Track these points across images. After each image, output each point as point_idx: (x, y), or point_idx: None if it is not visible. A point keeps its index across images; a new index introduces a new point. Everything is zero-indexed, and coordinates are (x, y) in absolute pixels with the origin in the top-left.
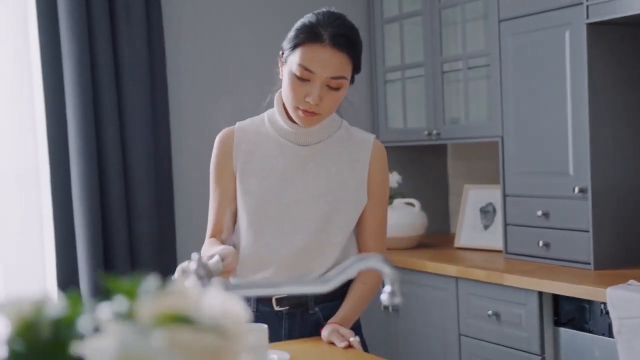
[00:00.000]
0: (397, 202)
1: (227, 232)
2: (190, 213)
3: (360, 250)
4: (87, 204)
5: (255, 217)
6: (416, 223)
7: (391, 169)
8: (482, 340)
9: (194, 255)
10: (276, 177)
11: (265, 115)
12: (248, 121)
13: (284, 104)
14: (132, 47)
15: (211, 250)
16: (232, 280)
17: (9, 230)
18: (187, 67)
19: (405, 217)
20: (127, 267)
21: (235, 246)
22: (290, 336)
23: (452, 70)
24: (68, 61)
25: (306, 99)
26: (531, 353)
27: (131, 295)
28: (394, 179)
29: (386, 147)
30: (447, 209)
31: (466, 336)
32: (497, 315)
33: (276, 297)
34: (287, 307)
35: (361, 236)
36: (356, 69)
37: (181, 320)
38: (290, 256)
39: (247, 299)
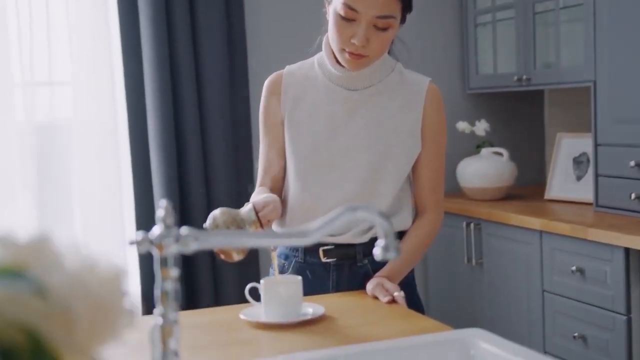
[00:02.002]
0: (485, 151)
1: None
2: None
3: (415, 203)
4: (165, 155)
5: (302, 166)
6: (504, 173)
7: (479, 116)
8: (565, 297)
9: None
10: (324, 124)
11: (315, 58)
12: (297, 65)
13: (331, 47)
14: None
15: (254, 199)
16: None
17: (89, 190)
18: (267, 21)
19: (492, 167)
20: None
21: (285, 196)
22: (338, 288)
23: (545, 10)
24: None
25: (352, 41)
26: (616, 312)
27: None
28: (482, 127)
29: (476, 94)
30: (542, 159)
31: (550, 292)
32: (581, 271)
33: (323, 248)
34: (335, 259)
35: (416, 188)
36: (406, 7)
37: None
38: (338, 207)
39: (295, 249)
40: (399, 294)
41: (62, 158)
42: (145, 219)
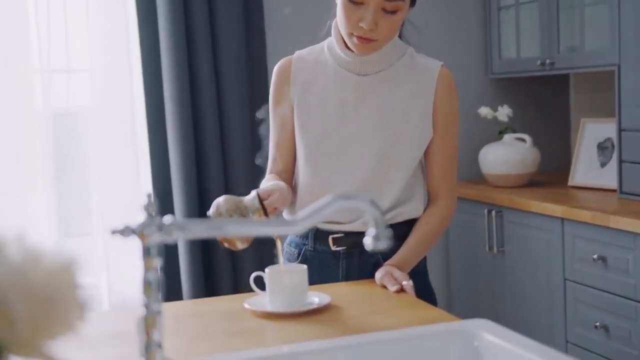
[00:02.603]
0: (507, 137)
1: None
2: None
3: (427, 191)
4: (182, 142)
5: (311, 152)
6: (527, 160)
7: (501, 102)
8: (587, 285)
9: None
10: (334, 110)
11: (325, 43)
12: (307, 50)
13: (340, 31)
14: None
15: (262, 186)
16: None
17: (107, 177)
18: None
19: (515, 154)
20: None
21: (295, 183)
22: (348, 277)
23: None
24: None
25: (360, 24)
26: (639, 302)
27: None
28: (504, 112)
29: (498, 79)
30: (566, 145)
31: (571, 281)
32: (603, 259)
33: (333, 236)
34: (345, 247)
35: (428, 174)
36: None
37: None
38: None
39: (305, 237)
40: (407, 283)
41: (79, 145)
42: (162, 207)
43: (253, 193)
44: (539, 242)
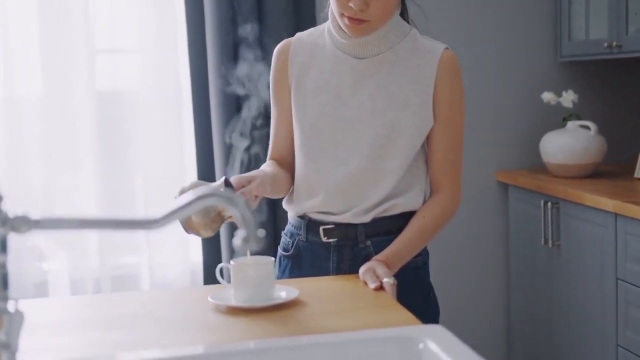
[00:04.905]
0: (571, 124)
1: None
2: None
3: (430, 182)
4: (226, 126)
5: (306, 139)
6: (591, 149)
7: (566, 86)
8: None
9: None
10: (330, 95)
11: (326, 25)
12: (308, 32)
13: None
14: None
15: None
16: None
17: (151, 159)
18: None
19: (577, 142)
20: None
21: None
22: (339, 270)
23: None
24: None
25: (350, 4)
26: None
27: None
28: (569, 98)
29: (564, 63)
30: (635, 134)
31: (623, 281)
32: None
33: (324, 227)
34: (336, 239)
35: (429, 165)
36: None
37: None
38: (342, 183)
39: (299, 228)
40: (387, 281)
41: (125, 126)
42: None
43: (221, 179)
44: (593, 237)
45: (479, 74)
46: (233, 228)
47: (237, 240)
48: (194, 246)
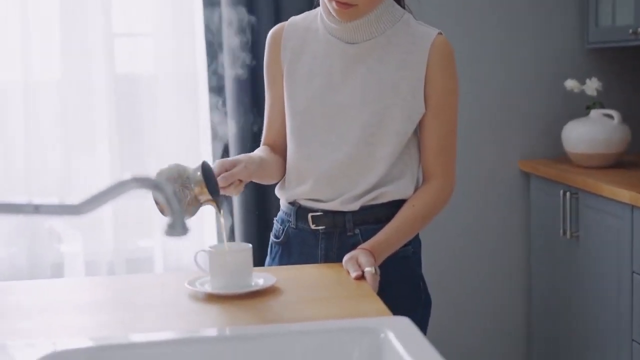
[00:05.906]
0: (594, 113)
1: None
2: None
3: (422, 171)
4: (243, 120)
5: (296, 124)
6: (614, 138)
7: (590, 74)
8: None
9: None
10: (321, 80)
11: (319, 9)
12: (302, 16)
13: None
14: None
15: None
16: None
17: (167, 143)
18: None
19: (600, 131)
20: None
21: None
22: (327, 258)
23: None
24: None
25: None
26: None
27: None
28: (593, 86)
29: (592, 50)
30: None
31: (639, 274)
32: None
33: (312, 214)
34: (324, 227)
35: (421, 153)
36: None
37: None
38: (331, 169)
39: (289, 214)
40: (369, 270)
41: (141, 109)
42: None
43: (197, 165)
44: (610, 229)
45: (503, 61)
46: (248, 212)
47: (165, 227)
48: (208, 230)
